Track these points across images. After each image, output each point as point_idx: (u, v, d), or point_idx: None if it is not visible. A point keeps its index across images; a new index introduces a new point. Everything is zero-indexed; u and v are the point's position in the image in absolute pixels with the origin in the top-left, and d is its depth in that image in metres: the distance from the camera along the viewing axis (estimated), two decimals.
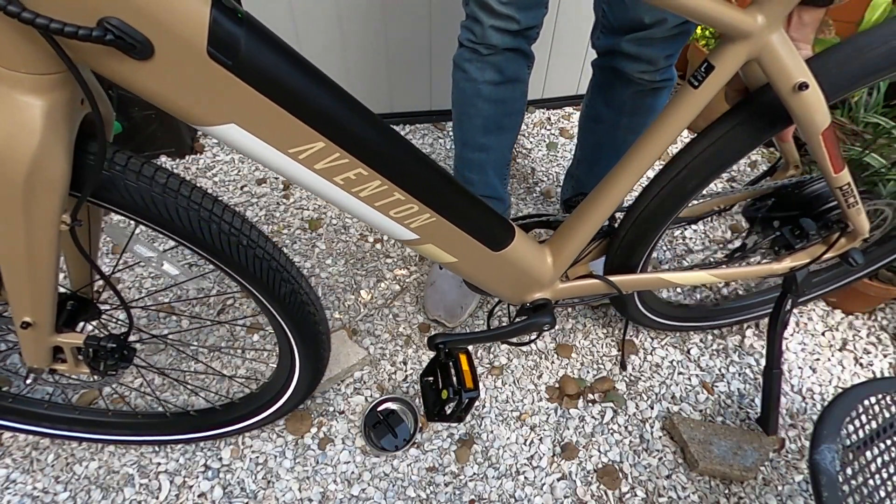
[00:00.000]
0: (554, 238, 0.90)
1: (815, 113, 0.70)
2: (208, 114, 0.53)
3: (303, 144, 0.58)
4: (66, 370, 0.77)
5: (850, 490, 0.76)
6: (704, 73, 0.68)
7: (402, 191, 0.67)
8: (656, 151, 0.76)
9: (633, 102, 1.12)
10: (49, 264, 0.62)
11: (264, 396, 0.99)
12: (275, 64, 0.53)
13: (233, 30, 0.49)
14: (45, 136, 0.50)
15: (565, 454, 1.08)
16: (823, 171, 0.80)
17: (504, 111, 1.14)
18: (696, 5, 0.61)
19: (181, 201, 0.63)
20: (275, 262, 0.73)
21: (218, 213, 0.66)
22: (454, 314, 1.26)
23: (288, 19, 1.52)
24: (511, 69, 1.07)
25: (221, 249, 0.67)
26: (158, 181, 0.62)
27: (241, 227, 0.69)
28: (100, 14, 0.44)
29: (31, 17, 0.41)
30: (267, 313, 0.80)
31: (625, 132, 1.19)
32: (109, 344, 0.73)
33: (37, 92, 0.48)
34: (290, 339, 0.84)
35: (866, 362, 1.27)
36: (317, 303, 0.83)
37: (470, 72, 1.08)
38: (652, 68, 1.04)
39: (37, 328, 0.69)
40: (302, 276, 0.80)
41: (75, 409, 1.02)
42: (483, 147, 1.20)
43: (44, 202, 0.55)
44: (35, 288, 0.64)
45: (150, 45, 0.46)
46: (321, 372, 0.96)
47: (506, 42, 1.02)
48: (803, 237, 0.93)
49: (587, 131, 1.30)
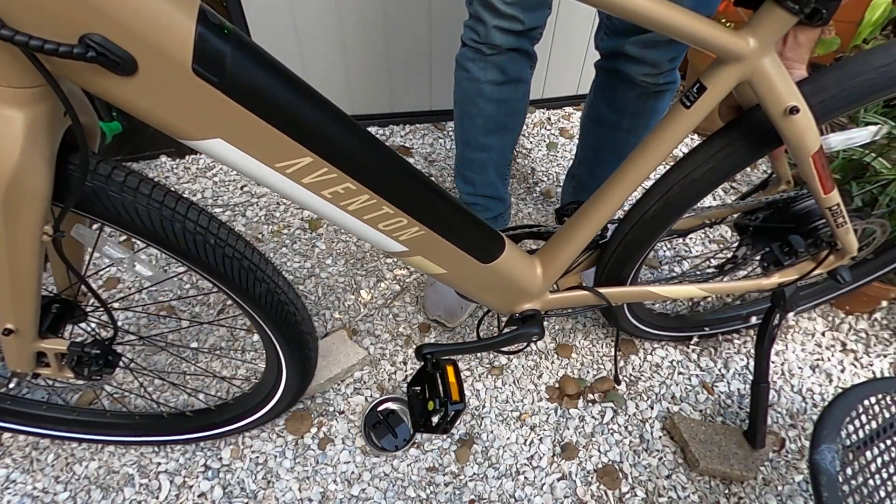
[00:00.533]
0: (544, 249, 0.90)
1: (805, 136, 0.71)
2: (194, 129, 0.52)
3: (290, 159, 0.57)
4: (49, 374, 0.77)
5: (850, 490, 0.76)
6: (696, 93, 0.69)
7: (391, 204, 0.66)
8: (648, 168, 0.77)
9: (636, 105, 1.12)
10: (31, 273, 0.61)
11: (256, 397, 1.00)
12: (262, 80, 0.52)
13: (219, 46, 0.48)
14: (26, 149, 0.50)
15: (565, 454, 1.08)
16: (813, 191, 0.81)
17: (506, 111, 1.14)
18: (688, 28, 0.61)
19: (165, 212, 0.63)
20: (247, 262, 0.72)
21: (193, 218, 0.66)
22: (454, 314, 1.26)
23: (288, 19, 1.52)
24: (514, 69, 1.07)
25: (189, 250, 0.67)
26: (143, 192, 0.61)
27: (208, 226, 0.68)
28: (81, 30, 0.43)
29: (9, 35, 0.41)
30: (247, 315, 0.79)
31: (626, 134, 1.19)
32: (94, 350, 0.73)
33: (17, 105, 0.48)
34: (272, 339, 0.84)
35: (866, 362, 1.27)
36: (297, 302, 0.83)
37: (472, 71, 1.08)
38: (655, 71, 1.04)
39: (19, 335, 0.68)
40: (279, 275, 0.79)
41: (73, 411, 1.02)
42: (484, 147, 1.20)
43: (25, 214, 0.55)
44: (17, 296, 0.63)
45: (133, 61, 0.46)
46: (309, 372, 0.95)
47: (509, 42, 1.02)
48: (792, 254, 0.93)
49: (589, 133, 1.30)
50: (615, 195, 0.80)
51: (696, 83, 0.69)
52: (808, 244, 0.94)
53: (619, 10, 0.60)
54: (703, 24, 0.62)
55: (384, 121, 1.81)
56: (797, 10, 0.60)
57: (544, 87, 1.89)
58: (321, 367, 1.14)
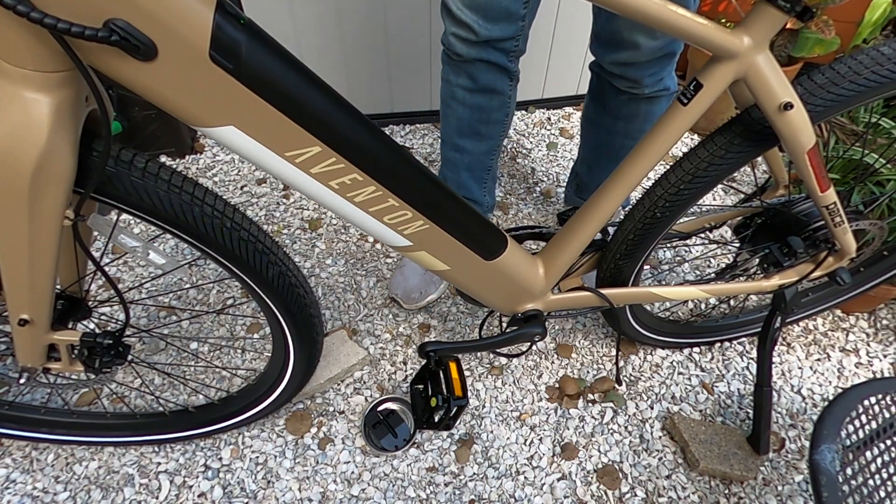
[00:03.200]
0: (546, 249, 0.90)
1: (799, 132, 0.72)
2: (208, 115, 0.54)
3: (299, 148, 0.59)
4: (60, 368, 0.77)
5: (850, 490, 0.76)
6: (693, 90, 0.70)
7: (397, 197, 0.67)
8: (647, 166, 0.77)
9: (629, 108, 1.13)
10: (50, 260, 0.63)
11: (262, 386, 1.00)
12: (275, 69, 0.54)
13: (235, 35, 0.50)
14: (53, 133, 0.52)
15: (565, 454, 1.08)
16: (810, 190, 0.81)
17: (479, 118, 1.13)
18: (685, 26, 0.62)
19: (185, 197, 0.65)
20: (260, 245, 0.74)
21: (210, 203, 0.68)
22: (411, 298, 1.27)
23: (287, 19, 1.52)
24: (485, 79, 1.05)
25: (208, 234, 0.68)
26: (163, 177, 0.63)
27: (224, 210, 0.70)
28: (106, 15, 0.45)
29: (39, 17, 0.42)
30: (257, 299, 0.80)
31: (622, 137, 1.19)
32: (105, 340, 0.74)
33: (45, 89, 0.49)
34: (281, 323, 0.84)
35: (866, 362, 1.27)
36: (305, 284, 0.84)
37: (446, 73, 1.08)
38: (637, 86, 1.05)
39: (34, 325, 0.69)
40: (289, 258, 0.80)
41: (73, 413, 1.01)
42: (458, 148, 1.19)
43: (49, 197, 0.56)
44: (35, 284, 0.64)
45: (154, 46, 0.47)
46: (316, 356, 0.96)
47: (471, 53, 0.99)
48: (791, 255, 0.94)
49: (587, 133, 1.30)
50: (615, 195, 0.81)
51: (693, 81, 0.70)
52: (807, 245, 0.94)
53: (618, 6, 0.60)
54: (700, 22, 0.63)
55: (384, 121, 1.81)
56: (789, 8, 0.61)
57: (544, 86, 1.89)
58: (321, 367, 1.14)
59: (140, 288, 1.29)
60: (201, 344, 1.21)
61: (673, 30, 0.62)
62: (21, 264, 0.61)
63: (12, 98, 0.49)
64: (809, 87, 0.73)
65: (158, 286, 1.30)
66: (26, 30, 0.45)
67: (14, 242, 0.59)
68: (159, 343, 1.19)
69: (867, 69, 0.71)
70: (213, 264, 1.24)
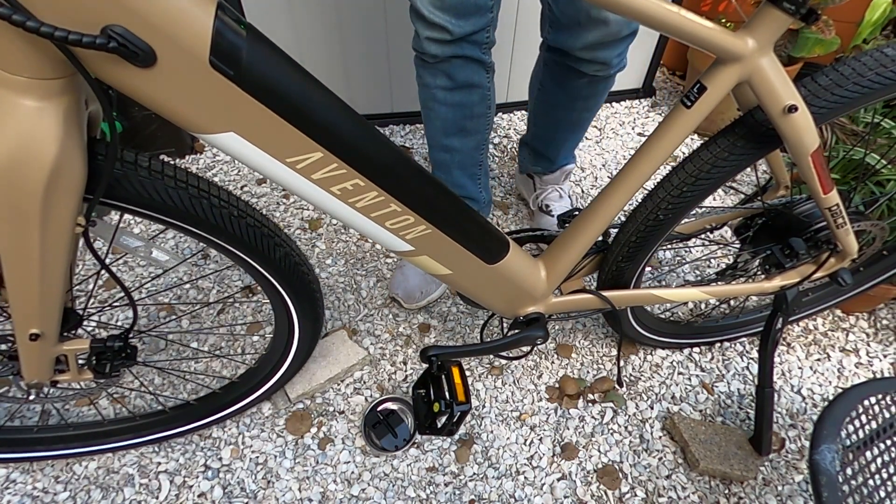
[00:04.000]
0: (548, 252, 0.90)
1: (803, 135, 0.72)
2: (208, 122, 0.53)
3: (301, 154, 0.58)
4: (69, 379, 0.77)
5: (850, 490, 0.76)
6: (697, 93, 0.69)
7: (398, 202, 0.67)
8: (649, 169, 0.77)
9: (588, 90, 1.16)
10: (61, 270, 0.62)
11: (264, 369, 1.01)
12: (276, 75, 0.53)
13: (235, 40, 0.50)
14: (63, 139, 0.51)
15: (565, 454, 1.08)
16: (812, 191, 0.81)
17: (463, 115, 1.13)
18: (689, 29, 0.62)
19: (192, 191, 0.65)
20: (266, 229, 0.75)
21: (216, 194, 0.70)
22: (412, 297, 1.27)
23: (287, 19, 1.52)
24: (463, 75, 1.05)
25: (217, 224, 0.69)
26: (168, 174, 0.64)
27: (230, 199, 0.71)
28: (104, 22, 0.44)
29: (35, 26, 0.42)
30: (262, 280, 0.81)
31: (580, 111, 1.23)
32: (116, 343, 0.73)
33: (49, 96, 0.49)
34: (286, 302, 0.86)
35: (866, 362, 1.27)
36: (307, 263, 0.86)
37: (423, 77, 1.08)
38: (606, 68, 1.07)
39: (44, 339, 0.68)
40: (291, 239, 0.82)
41: (69, 427, 1.00)
42: (446, 148, 1.20)
43: (62, 206, 0.56)
44: (46, 296, 0.64)
45: (152, 53, 0.47)
46: (318, 332, 0.97)
47: (446, 52, 1.00)
48: (793, 256, 0.94)
49: (543, 112, 1.31)
50: (617, 198, 0.81)
51: (697, 83, 0.69)
52: (809, 246, 0.94)
53: (620, 8, 0.60)
54: (705, 25, 0.62)
55: (384, 121, 1.81)
56: (793, 10, 0.61)
57: None
58: (321, 367, 1.14)
59: (140, 289, 1.30)
60: (203, 341, 1.21)
61: (677, 33, 0.62)
62: (32, 278, 0.60)
63: (16, 108, 0.48)
64: (813, 90, 0.73)
65: (158, 286, 1.30)
66: (22, 38, 0.45)
67: (25, 256, 0.58)
68: (159, 343, 1.19)
69: (871, 71, 0.71)
70: (213, 264, 1.24)
